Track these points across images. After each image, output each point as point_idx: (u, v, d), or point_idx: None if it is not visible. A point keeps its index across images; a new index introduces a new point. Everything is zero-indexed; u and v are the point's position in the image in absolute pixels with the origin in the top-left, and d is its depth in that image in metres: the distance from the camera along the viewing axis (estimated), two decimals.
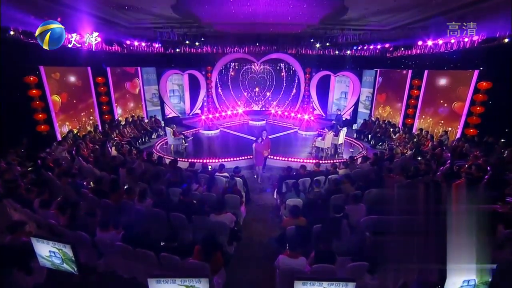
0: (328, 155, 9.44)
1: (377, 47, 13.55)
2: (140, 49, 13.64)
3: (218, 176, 6.04)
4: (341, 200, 5.14)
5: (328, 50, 15.30)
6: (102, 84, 11.46)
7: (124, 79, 12.79)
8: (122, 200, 4.72)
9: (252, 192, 6.89)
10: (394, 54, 13.03)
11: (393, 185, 5.55)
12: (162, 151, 9.86)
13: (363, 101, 14.40)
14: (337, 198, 5.09)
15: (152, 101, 14.35)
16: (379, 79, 13.29)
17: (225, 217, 4.30)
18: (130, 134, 11.00)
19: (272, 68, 16.82)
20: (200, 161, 8.07)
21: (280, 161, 8.94)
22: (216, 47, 15.73)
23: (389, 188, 5.40)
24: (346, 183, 5.45)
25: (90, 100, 11.07)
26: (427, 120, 10.95)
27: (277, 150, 10.20)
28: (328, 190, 5.44)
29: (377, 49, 13.72)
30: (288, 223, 4.22)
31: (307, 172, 6.17)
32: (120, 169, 6.05)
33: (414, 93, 11.45)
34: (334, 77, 15.60)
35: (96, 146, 8.79)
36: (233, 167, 8.04)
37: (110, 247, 3.64)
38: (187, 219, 4.42)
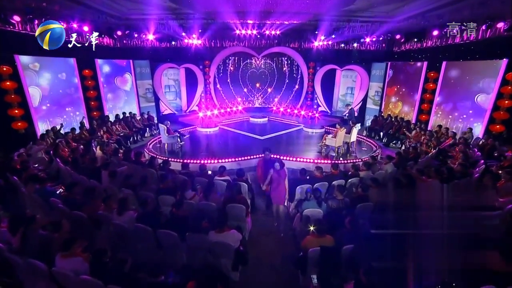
0: (340, 155, 8.50)
1: (388, 38, 12.61)
2: (133, 42, 12.63)
3: (218, 180, 5.08)
4: (369, 210, 4.21)
5: (333, 43, 14.35)
6: (90, 78, 10.44)
7: (114, 73, 11.76)
8: (97, 212, 3.75)
9: (257, 196, 5.95)
10: (407, 45, 12.09)
11: (427, 190, 4.64)
12: (155, 151, 8.88)
13: (372, 96, 13.48)
14: (364, 207, 4.15)
15: (145, 97, 13.35)
16: (390, 72, 12.38)
17: (228, 235, 3.35)
18: (120, 132, 10.01)
19: (273, 62, 15.85)
20: (198, 162, 7.10)
21: (286, 161, 7.99)
22: (214, 41, 14.74)
23: (423, 193, 4.49)
24: (373, 188, 4.52)
25: (76, 94, 10.06)
26: (445, 116, 10.04)
27: (282, 149, 9.28)
28: (352, 197, 4.50)
29: (388, 40, 12.78)
30: (310, 243, 3.28)
31: (324, 176, 5.23)
32: (103, 172, 5.07)
33: (429, 86, 10.54)
34: (340, 72, 14.68)
35: (81, 145, 7.84)
36: (235, 168, 7.12)
37: (73, 281, 2.68)
38: (179, 238, 3.47)
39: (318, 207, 4.12)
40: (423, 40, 11.25)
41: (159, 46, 13.59)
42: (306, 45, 15.00)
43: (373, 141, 10.04)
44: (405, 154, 6.31)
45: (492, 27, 8.44)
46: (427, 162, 6.68)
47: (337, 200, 4.24)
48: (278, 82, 16.07)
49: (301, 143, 10.45)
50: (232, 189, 4.27)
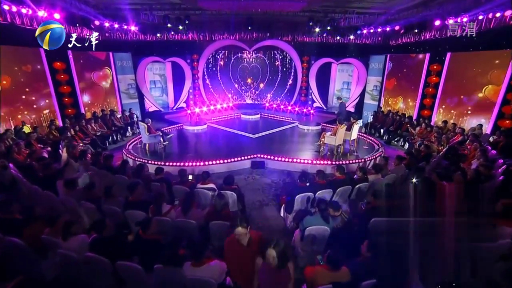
0: (339, 154, 7.75)
1: (386, 29, 11.90)
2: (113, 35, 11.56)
3: (201, 189, 4.22)
4: (383, 224, 3.43)
5: (328, 35, 13.58)
6: (62, 71, 9.38)
7: (91, 67, 10.69)
8: (40, 238, 2.87)
9: (250, 207, 5.13)
10: (407, 37, 11.40)
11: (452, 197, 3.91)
12: (135, 152, 7.94)
13: (370, 91, 12.78)
14: (380, 223, 3.38)
15: (128, 92, 12.32)
16: (389, 65, 11.68)
17: (209, 269, 2.52)
18: (96, 132, 9.02)
19: (265, 56, 14.99)
20: (179, 165, 6.23)
21: (282, 162, 7.19)
22: (203, 33, 13.79)
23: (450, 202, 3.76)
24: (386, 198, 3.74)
25: (46, 89, 9.00)
26: (449, 111, 9.41)
27: (276, 148, 8.49)
28: (363, 209, 3.72)
29: (386, 32, 12.08)
30: (321, 277, 2.46)
31: (327, 181, 4.43)
32: (58, 182, 4.16)
33: (432, 80, 9.89)
34: (335, 65, 13.95)
35: (48, 147, 6.86)
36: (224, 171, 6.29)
37: None
38: (145, 271, 2.61)
39: (324, 223, 3.31)
40: (424, 31, 10.59)
41: (143, 38, 12.59)
42: (300, 38, 14.23)
43: (374, 139, 9.33)
44: (417, 153, 5.57)
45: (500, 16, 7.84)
46: (438, 162, 5.99)
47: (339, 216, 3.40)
48: (270, 77, 15.23)
49: (296, 142, 9.66)
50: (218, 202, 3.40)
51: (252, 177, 6.62)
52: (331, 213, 3.44)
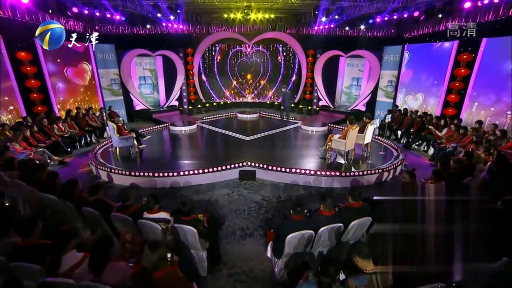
0: (351, 162, 6.25)
1: (404, 16, 10.34)
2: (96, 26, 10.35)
3: (147, 220, 2.81)
4: None
5: (336, 26, 12.08)
6: (28, 62, 8.14)
7: (68, 59, 9.45)
8: None
9: (229, 238, 3.71)
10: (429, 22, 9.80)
11: None
12: (102, 158, 6.60)
13: (383, 87, 11.22)
14: None
15: (111, 89, 11.06)
16: (407, 57, 10.11)
17: None
18: (64, 133, 7.74)
19: (267, 50, 13.55)
20: (150, 175, 4.87)
21: (277, 172, 5.72)
22: (198, 25, 12.48)
23: None
24: None
25: (7, 83, 7.77)
26: (482, 109, 7.83)
27: (272, 154, 7.07)
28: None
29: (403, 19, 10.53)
30: None
31: (334, 212, 2.96)
32: None
33: (460, 72, 8.31)
34: (344, 59, 12.44)
35: None
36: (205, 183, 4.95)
37: None
38: None
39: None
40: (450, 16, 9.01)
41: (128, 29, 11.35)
42: (305, 30, 12.75)
43: (391, 142, 7.80)
44: (457, 166, 4.03)
45: None
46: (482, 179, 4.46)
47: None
48: (272, 73, 13.78)
49: (298, 146, 8.20)
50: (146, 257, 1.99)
51: (239, 192, 5.19)
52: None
